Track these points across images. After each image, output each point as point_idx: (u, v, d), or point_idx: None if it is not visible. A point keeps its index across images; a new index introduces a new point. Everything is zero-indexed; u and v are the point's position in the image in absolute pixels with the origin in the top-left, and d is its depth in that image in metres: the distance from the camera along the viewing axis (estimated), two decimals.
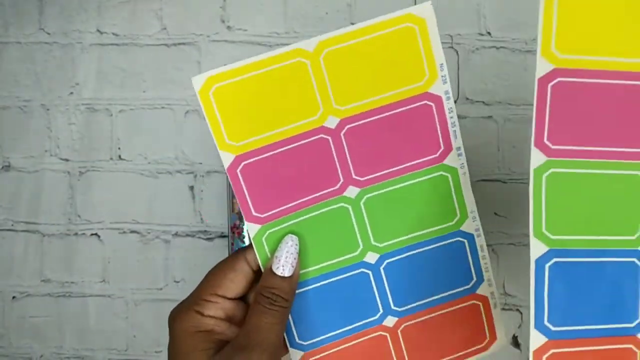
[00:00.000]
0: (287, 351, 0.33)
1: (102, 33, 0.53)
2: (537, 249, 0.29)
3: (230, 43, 0.52)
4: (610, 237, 0.30)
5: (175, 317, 0.31)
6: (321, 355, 0.33)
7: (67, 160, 0.53)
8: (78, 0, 0.53)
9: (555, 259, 0.29)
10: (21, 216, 0.53)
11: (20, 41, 0.53)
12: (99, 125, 0.52)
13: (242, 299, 0.33)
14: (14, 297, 0.52)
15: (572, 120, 0.29)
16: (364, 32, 0.32)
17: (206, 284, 0.32)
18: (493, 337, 0.34)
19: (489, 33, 0.51)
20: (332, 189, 0.33)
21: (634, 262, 0.30)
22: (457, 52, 0.51)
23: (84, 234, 0.53)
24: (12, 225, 0.53)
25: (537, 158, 0.29)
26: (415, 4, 0.51)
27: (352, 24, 0.54)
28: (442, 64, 0.32)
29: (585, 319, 0.30)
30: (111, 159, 0.52)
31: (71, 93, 0.53)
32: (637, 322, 0.30)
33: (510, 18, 0.51)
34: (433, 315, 0.34)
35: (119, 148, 0.52)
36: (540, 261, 0.29)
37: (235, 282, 0.32)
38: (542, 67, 0.28)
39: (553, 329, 0.30)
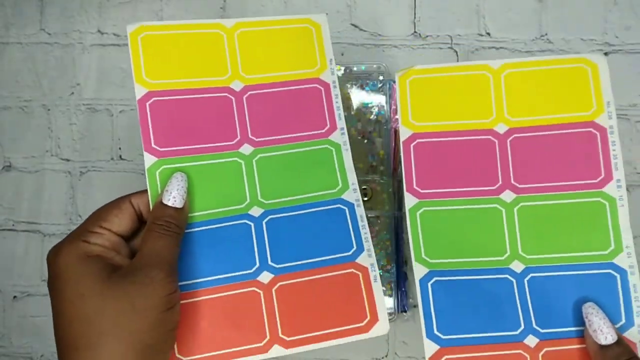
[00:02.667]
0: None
1: (102, 33, 0.53)
2: (419, 271, 0.35)
3: None
4: (482, 259, 0.35)
5: (58, 251, 0.29)
6: (192, 300, 0.33)
7: (68, 160, 0.53)
8: (79, 0, 0.53)
9: (435, 278, 0.34)
10: (22, 216, 0.53)
11: (21, 41, 0.54)
12: (99, 126, 0.53)
13: (128, 241, 0.33)
14: (14, 297, 0.53)
15: (433, 169, 0.36)
16: (272, 22, 0.39)
17: (90, 219, 0.31)
18: (374, 318, 0.34)
19: (488, 33, 0.51)
20: (229, 142, 0.36)
21: (506, 278, 0.34)
22: (456, 53, 0.51)
23: None
24: (13, 225, 0.53)
25: (410, 200, 0.36)
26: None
27: (352, 24, 0.55)
28: (331, 58, 0.38)
29: (471, 328, 0.34)
30: (112, 159, 0.52)
31: (72, 93, 0.53)
32: (520, 329, 0.34)
33: (510, 18, 0.51)
34: (310, 278, 0.34)
35: (120, 148, 0.53)
36: (423, 280, 0.35)
37: (120, 218, 0.32)
38: (404, 133, 0.36)
39: (443, 337, 0.34)
